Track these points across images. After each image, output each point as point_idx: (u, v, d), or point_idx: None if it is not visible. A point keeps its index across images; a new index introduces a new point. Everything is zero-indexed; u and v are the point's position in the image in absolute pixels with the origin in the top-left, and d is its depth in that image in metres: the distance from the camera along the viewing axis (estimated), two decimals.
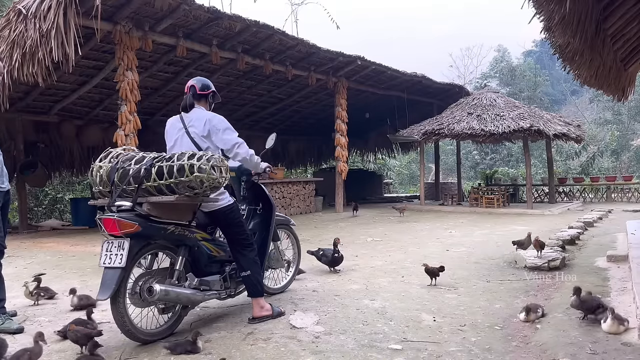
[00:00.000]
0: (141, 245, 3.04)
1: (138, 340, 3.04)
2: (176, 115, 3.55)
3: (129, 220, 2.93)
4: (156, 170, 2.98)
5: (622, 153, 23.02)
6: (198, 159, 2.97)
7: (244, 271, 3.40)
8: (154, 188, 2.99)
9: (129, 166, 3.03)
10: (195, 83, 3.60)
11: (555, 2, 3.07)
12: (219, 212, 3.38)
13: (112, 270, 2.90)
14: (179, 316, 3.28)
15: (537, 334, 3.14)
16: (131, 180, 3.00)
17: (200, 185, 2.98)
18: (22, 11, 6.49)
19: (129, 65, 7.88)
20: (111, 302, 2.92)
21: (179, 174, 2.94)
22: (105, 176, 3.08)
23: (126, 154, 3.17)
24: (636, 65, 4.75)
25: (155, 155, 3.10)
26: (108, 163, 3.11)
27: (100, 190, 3.14)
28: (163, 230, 3.10)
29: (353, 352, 2.84)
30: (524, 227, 8.60)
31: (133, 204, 3.00)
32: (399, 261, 5.64)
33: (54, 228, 10.63)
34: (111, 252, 2.94)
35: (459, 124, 12.46)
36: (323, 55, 11.00)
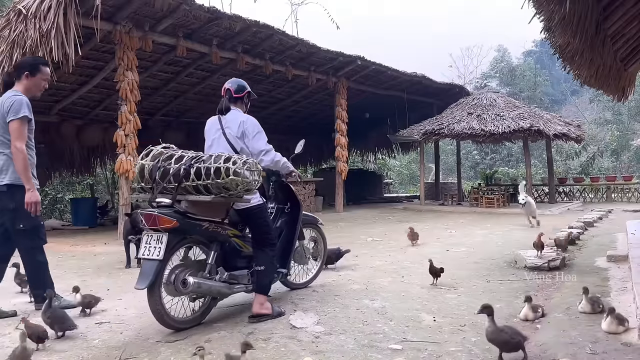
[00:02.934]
0: (178, 240, 3.23)
1: (170, 327, 3.21)
2: (215, 116, 3.74)
3: (168, 216, 3.12)
4: (194, 170, 3.16)
5: (622, 153, 23.01)
6: (234, 163, 3.15)
7: (259, 266, 3.54)
8: (192, 187, 3.18)
9: (169, 165, 3.23)
10: (231, 86, 3.76)
11: (555, 2, 3.07)
12: (249, 211, 3.55)
13: (150, 262, 3.11)
14: (208, 306, 3.47)
15: (537, 334, 3.14)
16: (171, 179, 3.19)
17: (235, 187, 3.15)
18: (22, 11, 6.49)
19: (129, 65, 7.89)
20: (148, 291, 3.11)
21: (215, 175, 3.12)
22: (147, 173, 3.27)
23: (167, 153, 3.34)
24: (636, 65, 4.75)
25: (193, 155, 3.29)
26: (150, 161, 3.29)
27: (142, 187, 3.34)
28: (198, 226, 3.28)
29: (353, 352, 2.84)
30: (524, 227, 8.61)
31: (172, 201, 3.22)
32: (399, 261, 5.64)
33: (54, 228, 10.63)
34: (150, 245, 3.14)
35: (459, 124, 12.46)
36: (323, 55, 11.01)
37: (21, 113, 3.53)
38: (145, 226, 3.15)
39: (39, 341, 2.93)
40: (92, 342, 3.08)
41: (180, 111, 13.25)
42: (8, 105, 3.55)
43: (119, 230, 7.88)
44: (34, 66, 3.78)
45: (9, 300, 4.15)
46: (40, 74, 3.78)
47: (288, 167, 3.85)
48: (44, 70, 3.81)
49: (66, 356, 2.88)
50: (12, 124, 3.52)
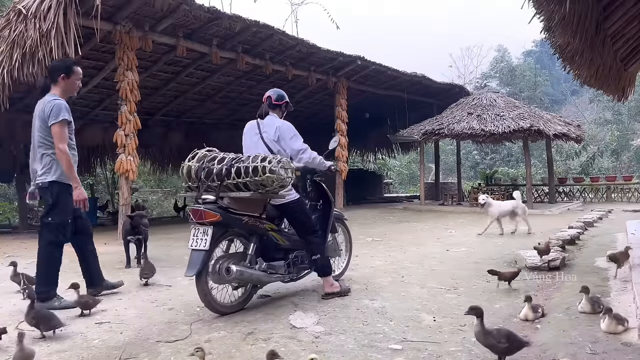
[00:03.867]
0: (221, 232, 3.59)
1: (216, 311, 3.56)
2: (254, 120, 4.18)
3: (213, 211, 3.48)
4: (235, 170, 3.55)
5: (622, 153, 23.01)
6: (269, 162, 3.52)
7: (313, 255, 3.94)
8: (233, 185, 3.56)
9: (213, 165, 3.61)
10: (272, 94, 4.28)
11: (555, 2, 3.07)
12: (286, 206, 3.92)
13: (198, 252, 3.46)
14: (249, 294, 3.83)
15: (537, 334, 3.14)
16: (215, 178, 3.57)
17: (271, 183, 3.52)
18: (22, 11, 6.49)
19: (129, 65, 7.89)
20: (196, 278, 3.45)
21: (253, 173, 3.50)
22: (193, 174, 3.64)
23: (210, 155, 3.74)
24: (636, 65, 4.75)
25: (233, 157, 3.71)
26: (196, 162, 3.66)
27: (189, 186, 3.72)
28: (239, 220, 3.65)
29: (353, 352, 2.84)
30: (524, 227, 8.61)
31: (216, 198, 3.59)
32: (399, 261, 5.64)
33: None
34: (197, 237, 3.48)
35: (459, 124, 12.46)
36: (323, 55, 11.01)
37: (61, 116, 3.81)
38: (193, 220, 3.51)
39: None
40: (92, 342, 3.08)
41: (180, 111, 13.25)
42: (49, 110, 3.81)
43: (118, 230, 7.88)
44: (68, 68, 4.02)
45: (8, 300, 4.16)
46: (74, 75, 4.05)
47: (324, 163, 4.24)
48: (77, 71, 4.06)
49: (66, 356, 2.87)
50: (53, 128, 3.81)
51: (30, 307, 3.16)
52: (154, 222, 12.02)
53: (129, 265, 5.49)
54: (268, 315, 3.56)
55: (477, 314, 2.60)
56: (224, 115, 14.83)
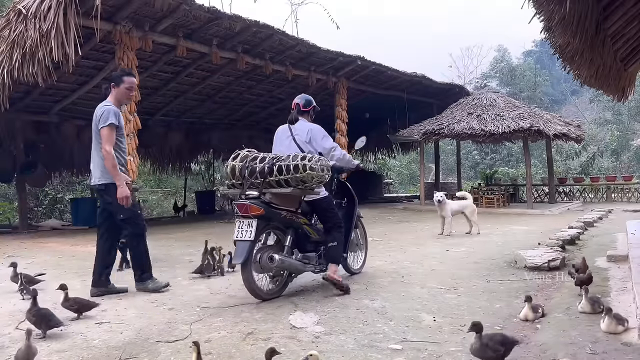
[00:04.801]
0: (263, 225, 3.88)
1: (258, 297, 3.86)
2: (285, 125, 4.54)
3: (257, 205, 3.79)
4: (277, 168, 3.86)
5: (622, 153, 23.01)
6: (309, 160, 3.85)
7: (332, 242, 4.26)
8: (274, 182, 3.89)
9: (255, 164, 3.93)
10: (300, 102, 4.63)
11: (555, 2, 3.07)
12: (318, 202, 4.29)
13: (243, 243, 3.76)
14: (285, 282, 4.13)
15: (537, 334, 3.14)
16: (258, 176, 3.89)
17: (311, 180, 3.85)
18: (22, 11, 6.49)
19: (129, 65, 7.87)
20: (242, 266, 3.76)
21: (294, 171, 3.82)
22: (237, 172, 3.97)
23: (252, 155, 4.06)
24: (636, 65, 4.75)
25: (273, 156, 4.02)
26: (239, 162, 4.00)
27: (233, 183, 4.05)
28: (278, 214, 3.97)
29: (353, 352, 2.84)
30: (524, 227, 8.62)
31: (260, 194, 3.91)
32: (398, 261, 5.64)
33: (54, 228, 10.64)
34: (242, 229, 3.79)
35: (459, 124, 12.46)
36: (323, 55, 11.01)
37: (109, 121, 4.13)
38: (238, 214, 3.82)
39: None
40: (92, 342, 3.08)
41: (180, 111, 13.25)
42: (99, 115, 4.17)
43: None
44: (117, 78, 4.38)
45: (8, 300, 4.16)
46: (124, 84, 4.35)
47: (352, 161, 4.64)
48: (126, 80, 4.37)
49: (66, 356, 2.87)
50: (102, 131, 4.14)
51: (32, 305, 3.17)
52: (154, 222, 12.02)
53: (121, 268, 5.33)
54: (268, 315, 3.56)
55: (478, 329, 2.56)
56: (223, 115, 14.83)
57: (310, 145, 4.35)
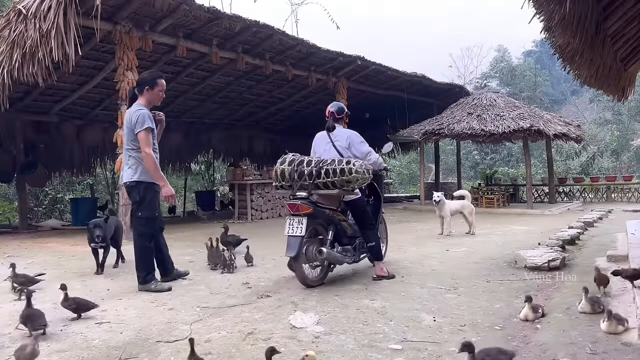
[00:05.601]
0: (311, 222, 4.29)
1: (307, 285, 4.31)
2: (323, 132, 4.93)
3: (306, 205, 4.25)
4: (324, 171, 4.30)
5: (622, 153, 22.99)
6: (353, 164, 4.28)
7: (370, 242, 4.72)
8: (322, 184, 4.34)
9: (303, 168, 4.41)
10: (334, 110, 4.96)
11: (555, 2, 3.07)
12: (354, 202, 4.71)
13: (295, 238, 4.20)
14: (326, 272, 4.57)
15: (537, 334, 3.14)
16: (306, 178, 4.35)
17: (355, 181, 4.29)
18: (22, 11, 6.49)
19: (129, 65, 7.89)
20: (294, 258, 4.22)
21: (341, 174, 4.26)
22: (287, 174, 4.44)
23: (298, 159, 4.53)
24: (636, 65, 4.75)
25: (318, 160, 4.49)
26: (288, 166, 4.47)
27: (282, 185, 4.53)
28: (323, 213, 4.46)
29: (353, 352, 2.84)
30: (524, 227, 8.62)
31: (308, 194, 4.38)
32: (398, 261, 5.64)
33: (54, 228, 10.63)
34: (293, 226, 4.23)
35: (459, 124, 12.46)
36: (323, 55, 11.01)
37: (145, 125, 4.33)
38: (290, 212, 4.28)
39: None
40: (92, 342, 3.08)
41: (180, 111, 13.25)
42: (134, 119, 4.33)
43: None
44: (153, 81, 4.52)
45: (9, 300, 4.16)
46: (157, 87, 4.54)
47: (382, 164, 5.09)
48: (160, 83, 4.56)
49: (66, 356, 2.88)
50: (140, 135, 4.33)
51: (26, 306, 3.22)
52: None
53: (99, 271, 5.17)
54: (268, 315, 3.57)
55: (470, 350, 2.44)
56: (223, 115, 14.83)
57: (349, 151, 4.76)
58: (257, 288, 4.42)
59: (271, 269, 5.28)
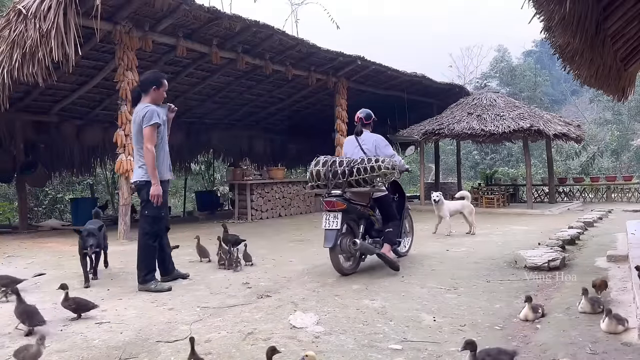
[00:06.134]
0: (345, 217, 4.75)
1: (342, 273, 4.77)
2: (352, 136, 5.51)
3: (341, 201, 4.71)
4: (356, 170, 4.75)
5: (622, 153, 22.98)
6: (382, 162, 4.74)
7: (388, 228, 5.21)
8: (354, 182, 4.76)
9: (336, 168, 4.82)
10: (362, 116, 5.49)
11: (555, 2, 3.07)
12: (381, 198, 5.24)
13: (331, 231, 4.64)
14: (358, 262, 5.04)
15: (537, 334, 3.14)
16: (340, 177, 4.77)
17: (384, 177, 4.77)
18: (22, 11, 6.48)
19: (129, 65, 7.88)
20: (331, 249, 4.66)
21: (371, 171, 4.70)
22: (322, 174, 4.85)
23: (331, 160, 4.94)
24: (636, 65, 4.75)
25: (349, 160, 4.92)
26: (322, 166, 4.87)
27: (318, 184, 4.94)
28: (356, 208, 4.93)
29: (353, 352, 2.84)
30: (524, 227, 8.62)
31: (342, 192, 4.82)
32: (398, 261, 5.63)
33: (54, 228, 10.63)
34: (329, 220, 4.69)
35: (459, 124, 12.45)
36: (323, 55, 11.00)
37: (153, 120, 4.38)
38: (326, 208, 4.72)
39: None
40: (92, 342, 3.08)
41: (180, 111, 13.16)
42: (142, 115, 4.40)
43: (118, 230, 7.88)
44: (159, 81, 4.59)
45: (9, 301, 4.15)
46: (163, 87, 4.62)
47: (404, 165, 5.52)
48: (165, 83, 4.65)
49: (66, 356, 2.88)
50: (145, 130, 4.38)
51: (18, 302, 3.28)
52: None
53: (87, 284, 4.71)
54: (268, 315, 3.57)
55: (472, 348, 2.46)
56: (223, 115, 14.83)
57: (375, 154, 5.24)
58: (257, 288, 4.42)
59: (271, 269, 5.28)
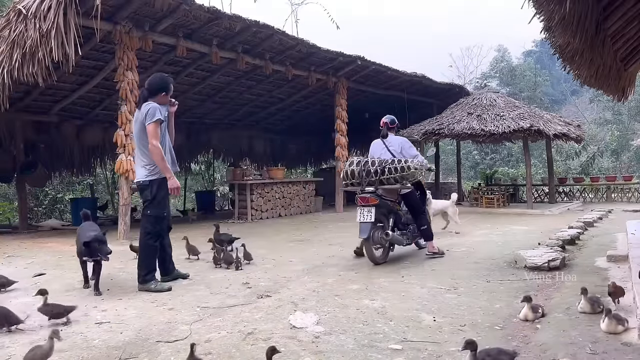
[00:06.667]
0: (377, 211, 5.29)
1: (375, 262, 5.33)
2: (378, 139, 6.03)
3: (374, 197, 5.27)
4: (387, 169, 5.31)
5: (622, 153, 22.97)
6: (411, 162, 5.34)
7: (423, 226, 5.80)
8: (385, 180, 5.34)
9: (369, 167, 5.38)
10: (387, 121, 6.03)
11: (555, 2, 3.07)
12: (408, 194, 5.79)
13: (366, 224, 5.18)
14: (387, 252, 5.58)
15: (537, 334, 3.14)
16: (372, 175, 5.35)
17: (413, 175, 5.38)
18: (22, 11, 6.48)
19: (129, 65, 7.89)
20: (365, 240, 5.24)
21: (401, 170, 5.29)
22: (356, 173, 5.42)
23: (364, 160, 5.51)
24: (636, 65, 4.75)
25: (381, 160, 5.46)
26: (356, 166, 5.43)
27: (352, 182, 5.50)
28: (387, 204, 5.52)
29: (353, 352, 2.84)
30: (524, 227, 8.61)
31: (375, 189, 5.37)
32: (398, 261, 5.64)
33: (54, 228, 10.63)
34: (364, 214, 5.22)
35: (459, 124, 12.45)
36: (323, 55, 11.00)
37: (156, 117, 4.38)
38: (361, 203, 5.27)
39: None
40: (92, 342, 3.08)
41: (180, 111, 13.19)
42: (145, 113, 4.41)
43: (118, 230, 7.89)
44: (168, 87, 4.69)
45: (9, 300, 4.15)
46: (170, 92, 4.72)
47: (427, 165, 5.87)
48: (172, 88, 4.74)
49: (66, 356, 2.88)
50: (149, 127, 4.37)
51: None
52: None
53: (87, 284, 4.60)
54: (268, 315, 3.57)
55: (472, 348, 2.46)
56: (223, 115, 14.83)
57: (401, 154, 5.75)
58: (257, 288, 4.42)
59: (271, 269, 5.28)
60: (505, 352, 2.57)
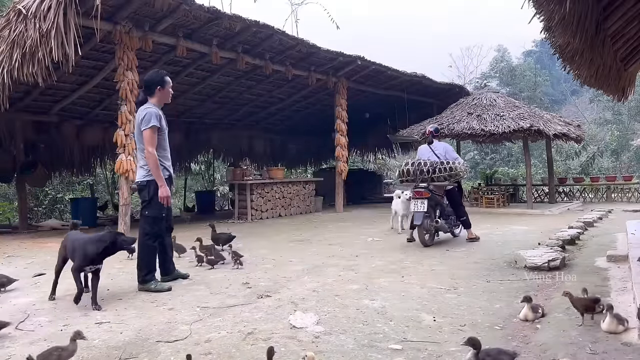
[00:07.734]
0: (428, 203, 6.38)
1: (425, 245, 6.44)
2: (425, 145, 7.24)
3: (427, 191, 6.44)
4: (438, 169, 6.48)
5: (622, 153, 22.96)
6: (458, 164, 6.62)
7: (462, 217, 7.02)
8: (435, 177, 6.49)
9: (422, 167, 6.55)
10: (432, 129, 7.31)
11: (555, 2, 3.07)
12: (451, 190, 7.00)
13: (419, 213, 6.32)
14: (433, 237, 6.73)
15: (537, 334, 3.14)
16: (425, 173, 6.52)
17: (458, 175, 6.61)
18: (22, 11, 6.48)
19: (129, 65, 7.89)
20: (418, 227, 6.39)
21: (449, 170, 6.48)
22: (411, 171, 6.63)
23: (417, 161, 6.69)
24: (636, 65, 4.74)
25: (432, 161, 6.63)
26: (411, 166, 6.64)
27: (407, 179, 6.72)
28: (435, 197, 6.58)
29: (353, 352, 2.84)
30: (524, 227, 8.61)
31: (427, 185, 6.50)
32: (399, 261, 5.64)
33: (54, 228, 10.63)
34: (417, 205, 6.37)
35: (459, 124, 12.44)
36: (323, 55, 11.00)
37: (151, 123, 4.39)
38: (415, 196, 6.46)
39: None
40: (92, 342, 3.08)
41: (180, 111, 13.24)
42: (141, 118, 4.42)
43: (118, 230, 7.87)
44: (162, 80, 4.61)
45: (9, 300, 4.16)
46: (167, 85, 4.64)
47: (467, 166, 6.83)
48: (169, 81, 4.65)
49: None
50: (144, 133, 4.40)
51: None
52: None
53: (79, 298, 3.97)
54: (268, 315, 3.57)
55: (475, 346, 2.43)
56: (223, 115, 14.83)
57: (445, 157, 6.83)
58: (257, 288, 4.42)
59: (271, 269, 5.28)
60: (505, 352, 2.57)
